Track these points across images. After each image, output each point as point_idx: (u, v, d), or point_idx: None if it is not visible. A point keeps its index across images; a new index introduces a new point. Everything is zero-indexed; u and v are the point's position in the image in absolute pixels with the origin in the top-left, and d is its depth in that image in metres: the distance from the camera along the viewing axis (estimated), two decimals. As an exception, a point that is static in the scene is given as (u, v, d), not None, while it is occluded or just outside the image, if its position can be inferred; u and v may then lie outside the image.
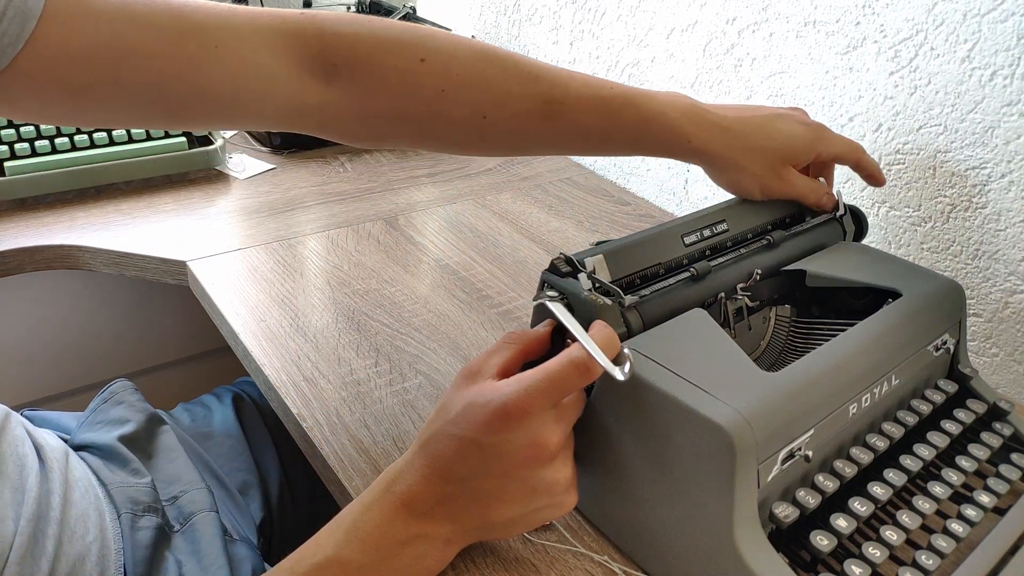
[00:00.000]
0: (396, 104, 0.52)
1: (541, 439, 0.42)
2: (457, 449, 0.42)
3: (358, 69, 0.50)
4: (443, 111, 0.53)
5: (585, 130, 0.57)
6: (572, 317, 0.46)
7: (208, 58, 0.46)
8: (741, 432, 0.41)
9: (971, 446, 0.53)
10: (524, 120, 0.55)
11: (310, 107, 0.51)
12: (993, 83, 0.64)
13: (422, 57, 0.52)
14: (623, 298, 0.49)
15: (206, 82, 0.46)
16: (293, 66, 0.49)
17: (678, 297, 0.52)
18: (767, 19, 0.80)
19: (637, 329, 0.49)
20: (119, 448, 0.61)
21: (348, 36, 0.50)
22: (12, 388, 1.06)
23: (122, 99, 0.45)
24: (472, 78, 0.53)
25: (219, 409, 0.77)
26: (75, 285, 1.05)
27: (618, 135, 0.57)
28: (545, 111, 0.55)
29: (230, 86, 0.47)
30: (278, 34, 0.48)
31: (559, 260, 0.51)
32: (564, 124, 0.56)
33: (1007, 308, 0.67)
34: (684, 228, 0.58)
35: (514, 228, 0.89)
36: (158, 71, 0.45)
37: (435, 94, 0.52)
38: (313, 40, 0.49)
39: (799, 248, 0.60)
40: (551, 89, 0.55)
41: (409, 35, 0.52)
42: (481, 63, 0.53)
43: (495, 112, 0.54)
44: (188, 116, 0.48)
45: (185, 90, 0.46)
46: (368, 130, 0.54)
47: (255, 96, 0.48)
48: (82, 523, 0.52)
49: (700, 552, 0.44)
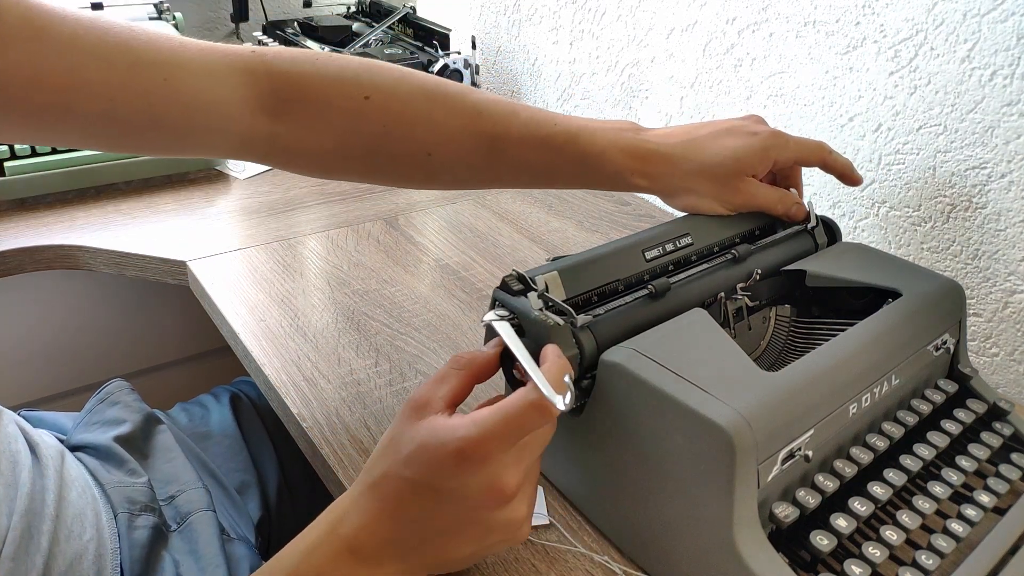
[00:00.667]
0: (341, 141, 0.54)
1: (499, 483, 0.40)
2: (410, 492, 0.40)
3: (305, 106, 0.52)
4: (388, 148, 0.55)
5: (529, 166, 0.57)
6: (518, 339, 0.44)
7: (158, 91, 0.47)
8: (741, 432, 0.41)
9: (971, 446, 0.53)
10: (469, 157, 0.56)
11: (259, 141, 0.52)
12: (993, 83, 0.64)
13: (366, 95, 0.53)
14: (575, 318, 0.47)
15: (158, 113, 0.47)
16: (243, 101, 0.50)
17: (635, 316, 0.51)
18: (767, 19, 0.80)
19: (590, 350, 0.48)
20: (115, 448, 0.61)
21: (295, 74, 0.52)
22: (10, 388, 1.06)
23: (74, 124, 0.46)
24: (416, 115, 0.54)
25: (217, 409, 0.76)
26: (75, 285, 1.05)
27: (563, 171, 0.58)
28: (490, 147, 0.56)
29: (181, 118, 0.48)
30: (230, 70, 0.50)
31: (511, 277, 0.49)
32: (508, 160, 0.57)
33: (1007, 308, 0.67)
34: (645, 243, 0.56)
35: (514, 228, 0.89)
36: (109, 99, 0.46)
37: (380, 131, 0.54)
38: (263, 77, 0.51)
39: (766, 262, 0.58)
40: (495, 126, 0.56)
41: (354, 72, 0.53)
42: (426, 101, 0.55)
43: (440, 149, 0.55)
44: (140, 144, 0.50)
45: (137, 120, 0.47)
46: (315, 164, 0.56)
47: (205, 129, 0.50)
48: (79, 522, 0.52)
49: (700, 552, 0.44)
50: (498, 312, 0.48)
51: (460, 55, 1.12)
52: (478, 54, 1.22)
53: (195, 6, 1.24)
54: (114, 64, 0.45)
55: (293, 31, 1.20)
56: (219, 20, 1.28)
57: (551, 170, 0.58)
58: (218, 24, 1.28)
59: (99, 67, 0.45)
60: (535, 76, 1.14)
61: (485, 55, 1.24)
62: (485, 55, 1.24)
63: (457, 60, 1.11)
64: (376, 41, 1.18)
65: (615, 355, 0.47)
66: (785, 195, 0.61)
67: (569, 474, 0.53)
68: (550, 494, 0.54)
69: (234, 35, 1.30)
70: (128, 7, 1.03)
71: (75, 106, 0.45)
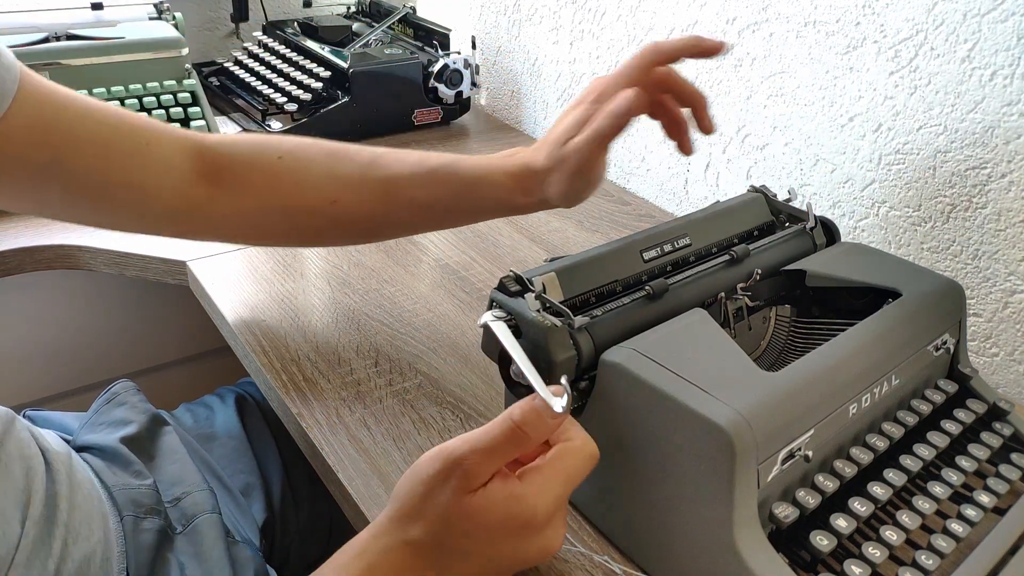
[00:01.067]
0: (262, 201, 0.62)
1: (554, 546, 0.43)
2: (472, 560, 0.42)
3: (232, 173, 0.61)
4: (300, 202, 0.62)
5: (423, 203, 0.63)
6: (515, 340, 0.44)
7: (139, 152, 0.56)
8: (741, 432, 0.41)
9: (971, 446, 0.53)
10: (369, 202, 0.63)
11: (198, 204, 0.60)
12: (993, 83, 0.64)
13: (279, 155, 0.62)
14: (572, 319, 0.47)
15: (132, 171, 0.56)
16: (191, 170, 0.59)
17: (633, 317, 0.51)
18: (767, 19, 0.80)
19: (588, 351, 0.48)
20: (121, 450, 0.61)
21: (225, 145, 0.62)
22: (13, 388, 1.06)
23: (62, 181, 0.53)
24: (321, 169, 0.62)
25: (221, 410, 0.76)
26: (75, 285, 1.05)
27: (453, 203, 0.63)
28: (385, 190, 0.62)
29: (152, 179, 0.57)
30: (183, 142, 0.59)
31: (508, 278, 0.49)
32: (403, 201, 0.63)
33: (1007, 308, 0.67)
34: (643, 243, 0.56)
35: (514, 228, 0.89)
36: (101, 156, 0.54)
37: (293, 186, 0.62)
38: (206, 151, 0.60)
39: (764, 262, 0.58)
40: (387, 170, 0.62)
41: (267, 139, 0.64)
42: (328, 156, 0.63)
43: (343, 196, 0.62)
44: (108, 208, 0.57)
45: (116, 178, 0.55)
46: (242, 225, 0.63)
47: (157, 191, 0.58)
48: (87, 524, 0.52)
49: (700, 552, 0.44)
50: (495, 313, 0.48)
51: (460, 55, 1.12)
52: (478, 54, 1.22)
53: (195, 6, 1.24)
54: (105, 125, 0.54)
55: (293, 31, 1.20)
56: (219, 20, 1.28)
57: (443, 204, 0.63)
58: (218, 24, 1.28)
59: (92, 127, 0.53)
60: (535, 76, 1.14)
61: (485, 55, 1.24)
62: (485, 55, 1.24)
63: (457, 60, 1.11)
64: (376, 41, 1.18)
65: (615, 355, 0.47)
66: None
67: (569, 474, 0.53)
68: (550, 494, 0.54)
69: (234, 35, 1.30)
70: (128, 7, 1.03)
71: (67, 160, 0.52)
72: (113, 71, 0.92)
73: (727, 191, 0.91)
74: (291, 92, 1.06)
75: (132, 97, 0.92)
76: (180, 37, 0.97)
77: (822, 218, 0.64)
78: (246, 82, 1.13)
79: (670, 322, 0.50)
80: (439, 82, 1.11)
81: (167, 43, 0.96)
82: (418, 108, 1.12)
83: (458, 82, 1.12)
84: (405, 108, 1.11)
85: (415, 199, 0.62)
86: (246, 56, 1.19)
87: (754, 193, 0.65)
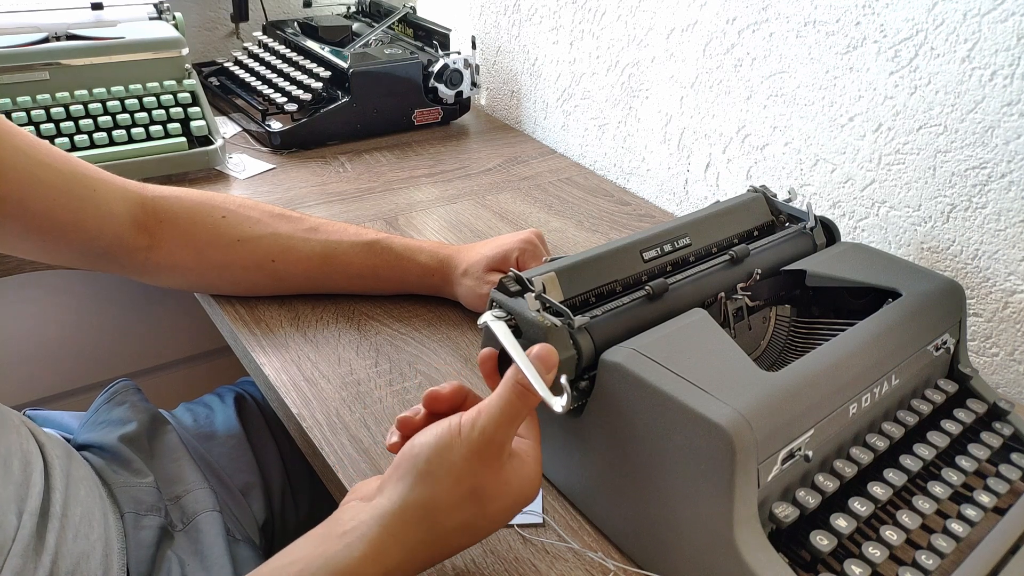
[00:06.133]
0: (202, 256, 0.67)
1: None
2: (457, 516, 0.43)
3: (174, 227, 0.65)
4: (240, 259, 0.67)
5: (357, 270, 0.70)
6: (514, 339, 0.45)
7: (86, 197, 0.60)
8: (741, 432, 0.41)
9: (971, 446, 0.53)
10: (307, 263, 0.69)
11: (135, 250, 0.64)
12: (993, 83, 0.64)
13: (223, 215, 0.67)
14: (572, 319, 0.47)
15: (77, 212, 0.60)
16: (130, 218, 0.63)
17: (633, 317, 0.51)
18: (767, 19, 0.80)
19: (588, 351, 0.48)
20: (121, 448, 0.61)
21: (170, 199, 0.65)
22: (14, 387, 1.06)
23: (20, 220, 0.57)
24: (264, 229, 0.68)
25: (221, 409, 0.77)
26: (75, 285, 1.05)
27: (384, 273, 0.70)
28: (323, 255, 0.69)
29: (92, 223, 0.61)
30: (125, 192, 0.63)
31: (508, 278, 0.49)
32: (340, 265, 0.70)
33: (1007, 308, 0.67)
34: (644, 243, 0.56)
35: (514, 228, 0.89)
36: (52, 200, 0.58)
37: (233, 243, 0.67)
38: (148, 202, 0.64)
39: (763, 262, 0.58)
40: (328, 237, 0.69)
41: (212, 198, 0.68)
42: (272, 217, 0.69)
43: (283, 256, 0.68)
44: (55, 247, 0.61)
45: (66, 219, 0.59)
46: (182, 274, 0.68)
47: (98, 232, 0.61)
48: (86, 521, 0.52)
49: (700, 551, 0.44)
50: (495, 313, 0.48)
51: (460, 55, 1.12)
52: (478, 54, 1.22)
53: (195, 6, 1.24)
54: (61, 173, 0.58)
55: (293, 31, 1.20)
56: (219, 20, 1.28)
57: (375, 273, 0.70)
58: (218, 24, 1.28)
59: (50, 174, 0.58)
60: (535, 76, 1.14)
61: (485, 55, 1.24)
62: (485, 55, 1.24)
63: (457, 60, 1.11)
64: (376, 41, 1.18)
65: (615, 355, 0.47)
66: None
67: (569, 474, 0.53)
68: (549, 493, 0.54)
69: (234, 35, 1.30)
70: (128, 7, 1.03)
71: (28, 202, 0.56)
72: (113, 71, 0.92)
73: (727, 191, 0.91)
74: (291, 92, 1.06)
75: (132, 97, 0.92)
76: (180, 37, 0.97)
77: (822, 218, 0.64)
78: (246, 82, 1.13)
79: (670, 322, 0.50)
80: (439, 82, 1.11)
81: (167, 43, 0.96)
82: (418, 108, 1.12)
83: (458, 82, 1.12)
84: (405, 108, 1.11)
85: (351, 265, 0.70)
86: (246, 56, 1.20)
87: (754, 193, 0.65)
